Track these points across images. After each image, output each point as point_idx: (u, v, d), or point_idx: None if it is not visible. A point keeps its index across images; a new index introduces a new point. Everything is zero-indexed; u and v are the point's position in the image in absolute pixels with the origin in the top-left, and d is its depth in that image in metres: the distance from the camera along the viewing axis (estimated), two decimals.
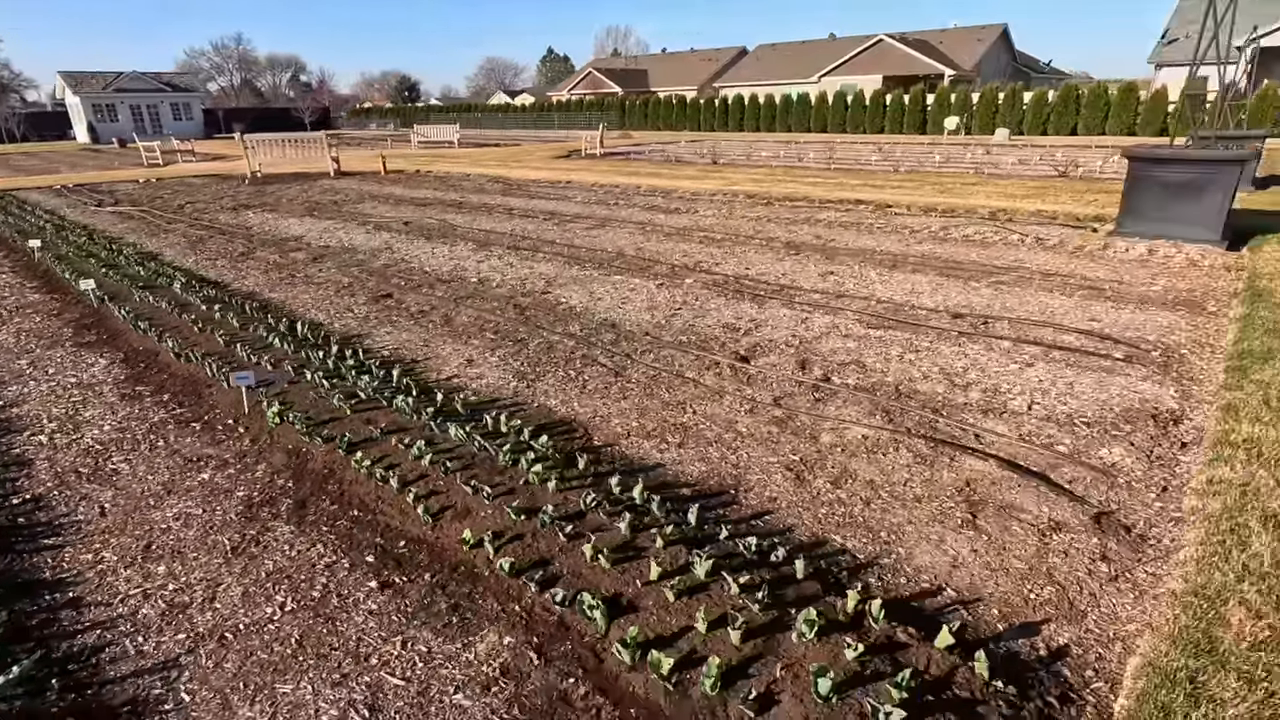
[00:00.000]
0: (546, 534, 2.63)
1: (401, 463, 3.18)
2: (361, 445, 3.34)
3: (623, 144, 30.45)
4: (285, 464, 3.30)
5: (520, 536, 2.63)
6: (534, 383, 4.25)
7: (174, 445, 3.56)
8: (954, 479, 3.11)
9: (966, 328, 5.03)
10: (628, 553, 2.52)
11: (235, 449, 3.49)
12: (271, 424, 3.60)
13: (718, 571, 2.37)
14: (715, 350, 4.72)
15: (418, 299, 6.17)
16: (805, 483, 3.11)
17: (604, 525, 2.68)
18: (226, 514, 2.94)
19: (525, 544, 2.60)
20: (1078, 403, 3.79)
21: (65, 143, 42.01)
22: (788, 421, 3.67)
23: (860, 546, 2.67)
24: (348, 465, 3.19)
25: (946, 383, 4.09)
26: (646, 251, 7.95)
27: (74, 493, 3.15)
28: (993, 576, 2.50)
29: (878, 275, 6.61)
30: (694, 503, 2.93)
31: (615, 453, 3.38)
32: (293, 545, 2.72)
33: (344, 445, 3.28)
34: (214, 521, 2.89)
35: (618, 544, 2.56)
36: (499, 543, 2.60)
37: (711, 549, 2.56)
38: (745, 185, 13.90)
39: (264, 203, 12.95)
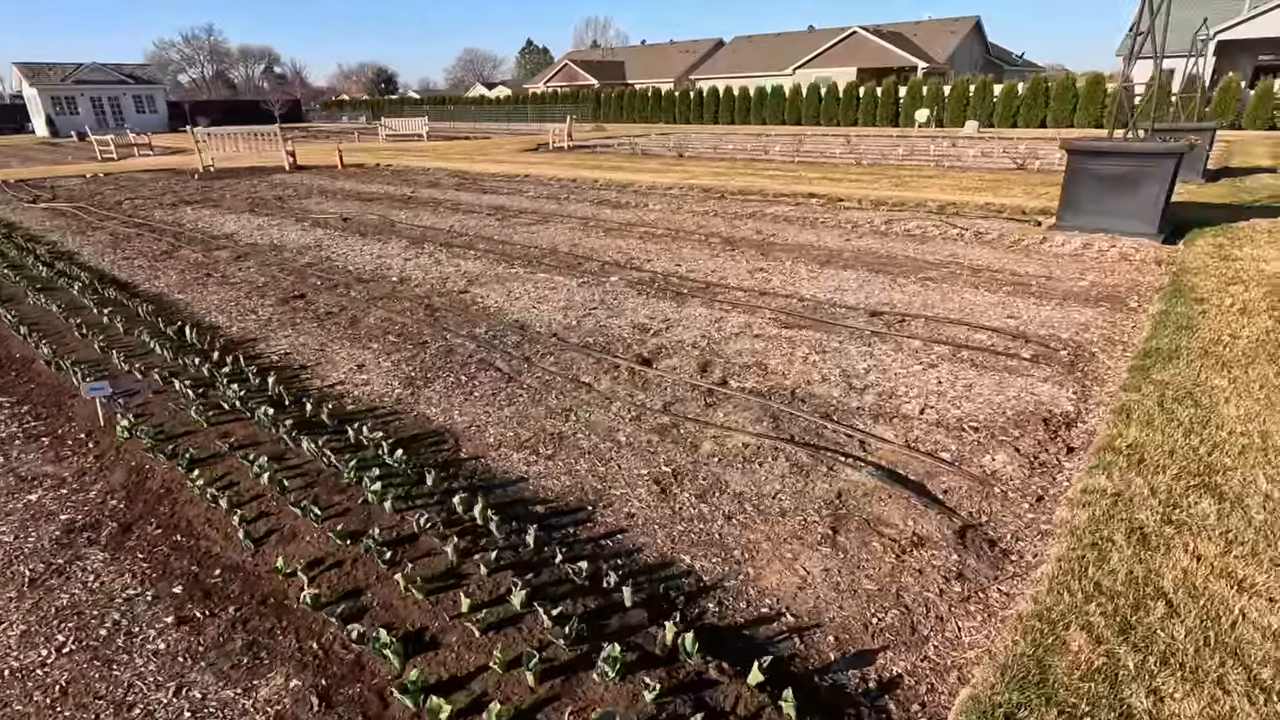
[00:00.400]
0: (367, 560, 2.45)
1: (241, 481, 2.98)
2: (205, 462, 3.14)
3: (594, 137, 30.15)
4: (123, 483, 3.09)
5: (340, 564, 2.45)
6: (420, 389, 4.06)
7: (13, 463, 3.33)
8: (826, 491, 2.97)
9: (881, 326, 4.90)
10: (449, 581, 2.34)
11: (76, 466, 3.27)
12: (120, 439, 3.38)
13: (536, 600, 2.21)
14: (619, 352, 4.55)
15: (330, 300, 5.94)
16: (670, 497, 2.95)
17: (435, 549, 2.51)
18: (40, 541, 2.73)
19: (343, 572, 2.42)
20: (972, 406, 3.67)
21: (23, 136, 40.87)
22: (671, 429, 3.52)
23: (709, 568, 2.52)
24: (185, 484, 2.98)
25: (844, 385, 3.95)
26: (581, 248, 7.75)
27: None
28: (839, 599, 2.36)
29: (807, 272, 6.48)
30: (546, 521, 2.77)
31: (478, 466, 3.20)
32: (99, 576, 2.51)
33: (185, 462, 3.07)
34: (22, 549, 2.68)
35: (440, 571, 2.38)
36: (316, 571, 2.42)
37: (545, 574, 2.40)
38: (703, 179, 13.72)
39: (208, 198, 12.59)
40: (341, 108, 62.43)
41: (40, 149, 30.23)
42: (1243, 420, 3.32)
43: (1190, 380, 3.75)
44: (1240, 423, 3.30)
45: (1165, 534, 2.54)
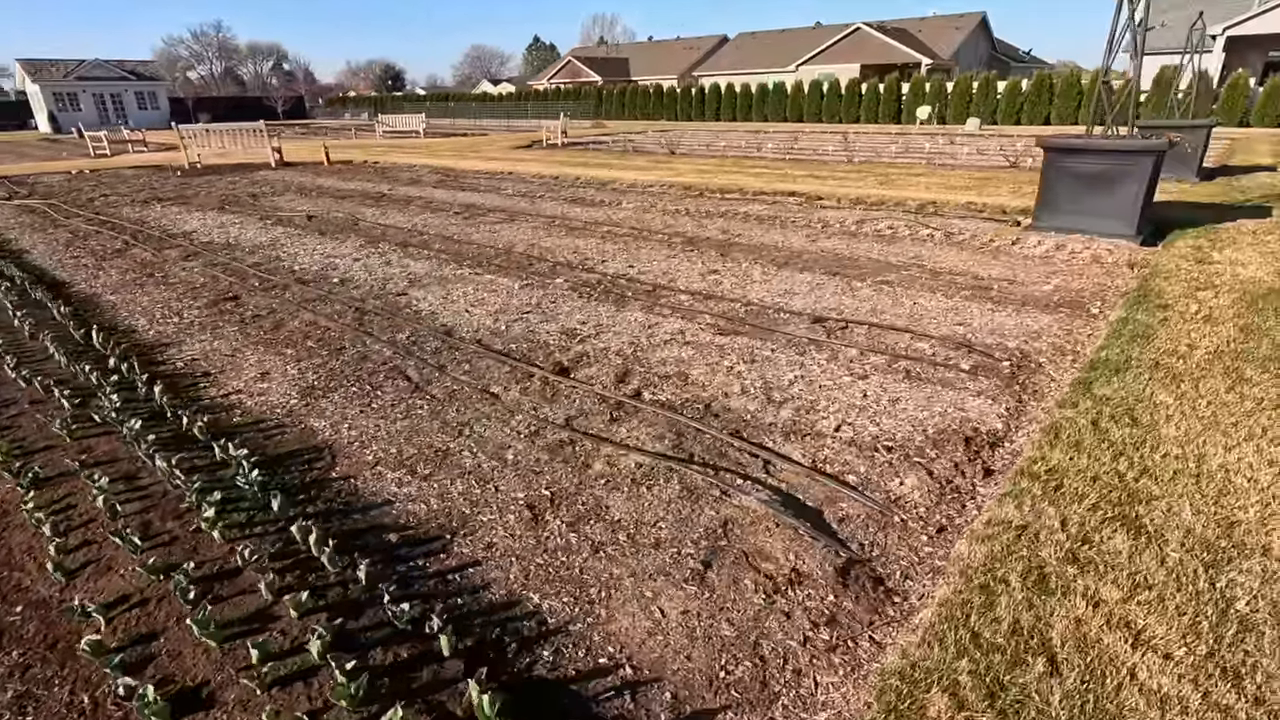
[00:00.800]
0: (173, 600, 2.22)
1: (80, 503, 2.77)
2: (51, 481, 2.93)
3: (591, 134, 29.90)
4: None
5: (145, 602, 2.23)
6: (316, 400, 3.84)
7: None
8: (712, 519, 2.72)
9: (821, 334, 4.63)
10: (254, 625, 2.12)
11: None
12: None
13: (340, 649, 1.98)
14: (539, 360, 4.31)
15: (263, 301, 5.74)
16: (540, 524, 2.71)
17: (253, 586, 2.28)
18: None
19: (145, 613, 2.20)
20: (892, 422, 3.40)
21: (26, 133, 41.04)
22: (565, 447, 3.28)
23: (557, 608, 2.28)
24: (20, 506, 2.77)
25: (764, 399, 3.70)
26: (538, 248, 7.52)
27: None
28: (690, 647, 2.12)
29: (761, 274, 6.21)
30: (396, 552, 2.54)
31: (345, 487, 2.97)
32: None
33: (26, 481, 2.86)
34: None
35: (248, 613, 2.16)
36: (116, 611, 2.20)
37: (367, 616, 2.17)
38: (688, 177, 13.45)
39: (182, 195, 12.44)
40: (345, 104, 62.49)
41: (38, 145, 30.28)
42: (1180, 441, 3.05)
43: (1134, 396, 3.47)
44: (1177, 444, 3.03)
45: (1066, 575, 2.28)
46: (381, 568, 2.42)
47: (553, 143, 24.19)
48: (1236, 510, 2.59)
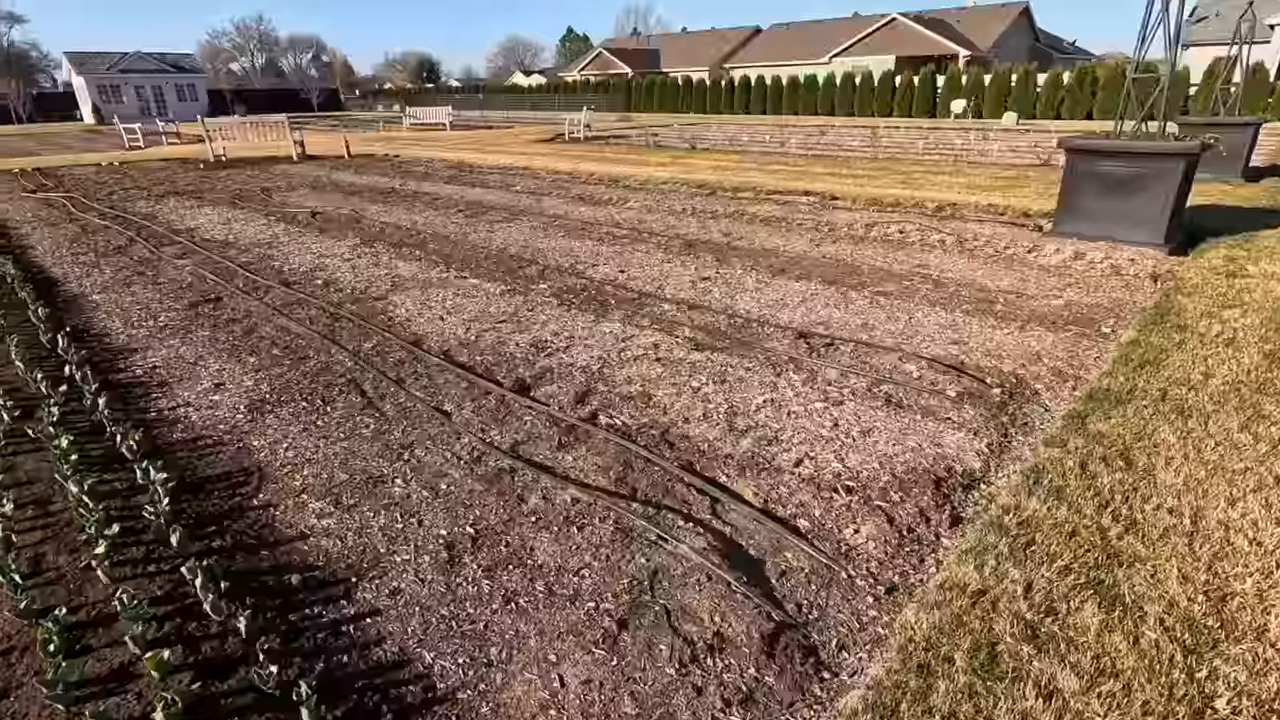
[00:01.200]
0: (37, 649, 2.08)
1: None
2: None
3: (617, 127, 29.65)
4: None
5: (8, 652, 2.09)
6: (263, 416, 3.70)
7: None
8: (642, 567, 2.49)
9: (803, 351, 4.35)
10: (110, 684, 1.96)
11: None
12: None
13: (194, 715, 1.81)
14: (500, 375, 4.12)
15: (241, 304, 5.65)
16: (455, 568, 2.51)
17: (124, 638, 2.12)
18: None
19: (5, 663, 2.06)
20: (859, 458, 3.13)
21: (71, 124, 42.29)
22: (504, 477, 3.07)
23: (451, 670, 2.08)
24: None
25: (726, 425, 3.45)
26: (532, 250, 7.33)
27: None
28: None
29: (755, 282, 5.93)
30: (296, 597, 2.37)
31: (263, 518, 2.81)
32: None
33: None
34: None
35: (110, 669, 2.00)
36: None
37: (235, 679, 1.99)
38: (703, 174, 13.13)
39: (198, 190, 12.54)
40: (377, 96, 63.12)
41: (80, 137, 31.12)
42: (1178, 491, 2.73)
43: (1132, 432, 3.14)
44: (1174, 494, 2.71)
45: (1020, 656, 2.00)
46: (272, 617, 2.25)
47: (575, 136, 24.00)
48: (1232, 579, 2.28)
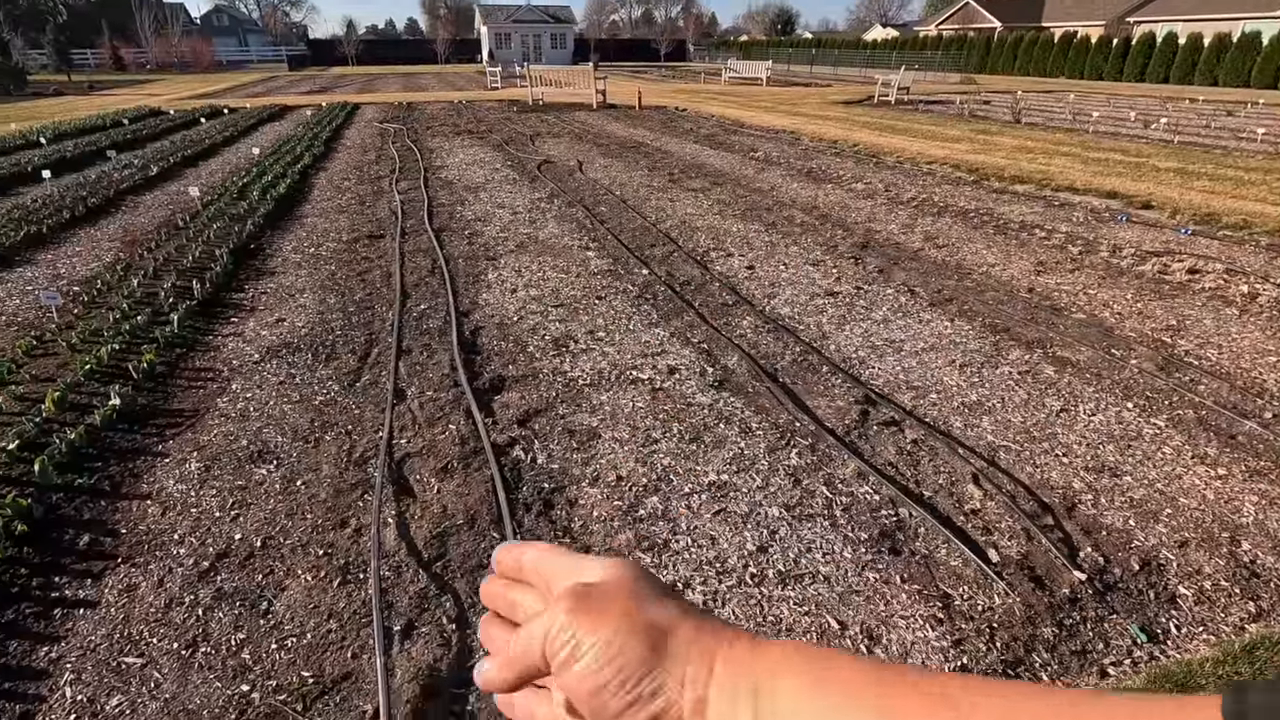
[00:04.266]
0: None
1: None
2: None
3: (947, 91, 26.03)
4: None
5: None
6: (267, 360, 3.92)
7: None
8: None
9: (850, 423, 3.18)
10: None
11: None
12: None
13: None
14: (489, 366, 3.78)
15: (389, 245, 6.13)
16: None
17: None
18: None
19: None
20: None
21: (471, 65, 51.33)
22: (347, 494, 2.78)
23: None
24: None
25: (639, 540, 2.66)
26: (683, 228, 6.68)
27: None
28: None
29: (897, 312, 4.55)
30: None
31: (123, 472, 2.94)
32: None
33: None
34: None
35: None
36: None
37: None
38: (993, 156, 10.77)
39: (488, 130, 14.11)
40: (720, 49, 64.42)
41: (467, 76, 37.50)
42: None
43: None
44: None
45: None
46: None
47: (885, 99, 21.62)
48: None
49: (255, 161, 9.81)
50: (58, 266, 5.53)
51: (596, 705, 0.29)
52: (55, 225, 6.47)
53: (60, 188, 8.03)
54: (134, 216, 7.08)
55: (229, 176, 8.88)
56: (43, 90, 25.92)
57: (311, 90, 26.59)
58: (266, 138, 12.87)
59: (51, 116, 15.90)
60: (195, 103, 19.74)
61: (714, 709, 0.28)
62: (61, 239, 6.27)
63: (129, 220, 6.92)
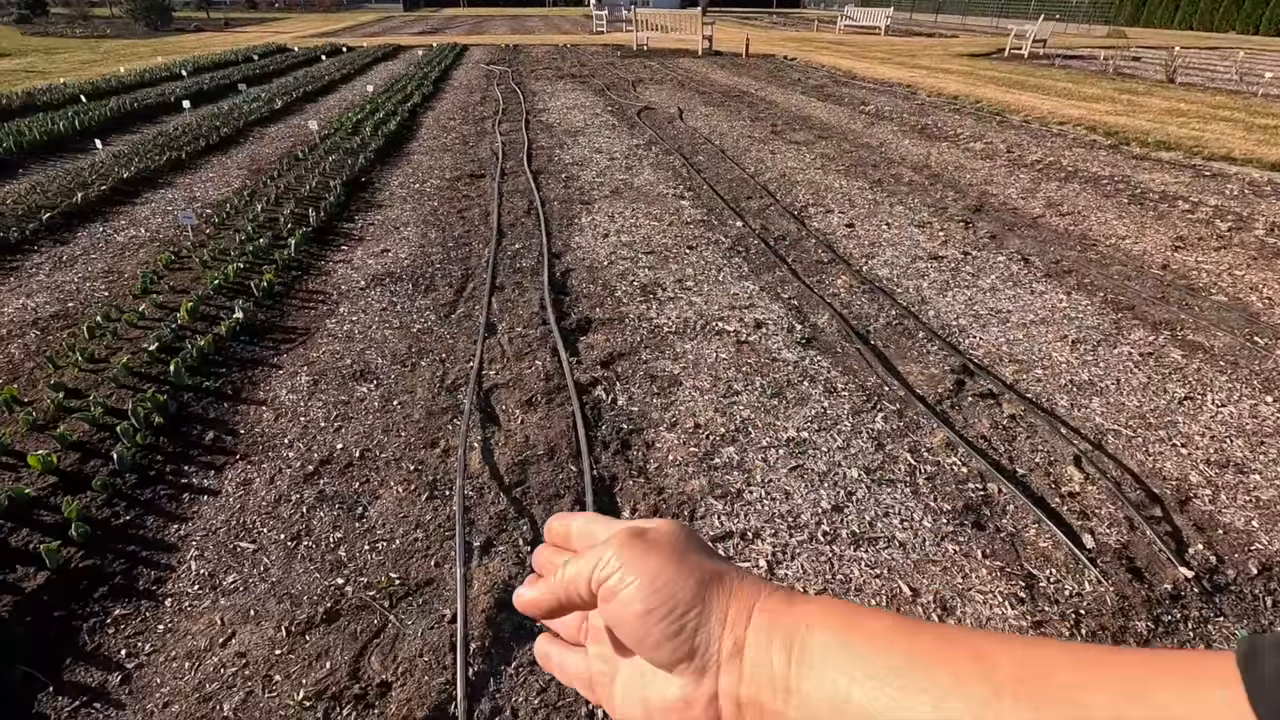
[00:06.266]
0: None
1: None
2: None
3: (1091, 44, 23.61)
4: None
5: None
6: (363, 293, 4.14)
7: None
8: None
9: (943, 392, 3.04)
10: None
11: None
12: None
13: None
14: (577, 308, 3.84)
15: (489, 185, 6.27)
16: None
17: None
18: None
19: None
20: None
21: (576, 9, 50.81)
22: (440, 416, 2.93)
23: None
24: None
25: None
26: (783, 181, 6.45)
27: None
28: None
29: (1001, 280, 4.27)
30: None
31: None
32: None
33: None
34: None
35: None
36: None
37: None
38: (1138, 119, 9.77)
39: (590, 74, 14.01)
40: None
41: (574, 20, 37.19)
42: None
43: None
44: None
45: None
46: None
47: (1017, 52, 19.87)
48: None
49: (369, 99, 10.18)
50: (193, 190, 5.99)
51: (641, 632, 0.30)
52: (192, 152, 6.99)
53: (197, 118, 8.64)
54: (260, 147, 7.54)
55: (344, 112, 9.26)
56: (184, 26, 27.76)
57: (423, 31, 27.15)
58: (380, 76, 13.32)
59: (191, 51, 17.03)
60: (316, 40, 20.62)
61: (750, 652, 0.29)
62: (197, 165, 6.77)
63: (255, 150, 7.39)
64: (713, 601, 0.30)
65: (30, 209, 5.17)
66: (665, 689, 0.30)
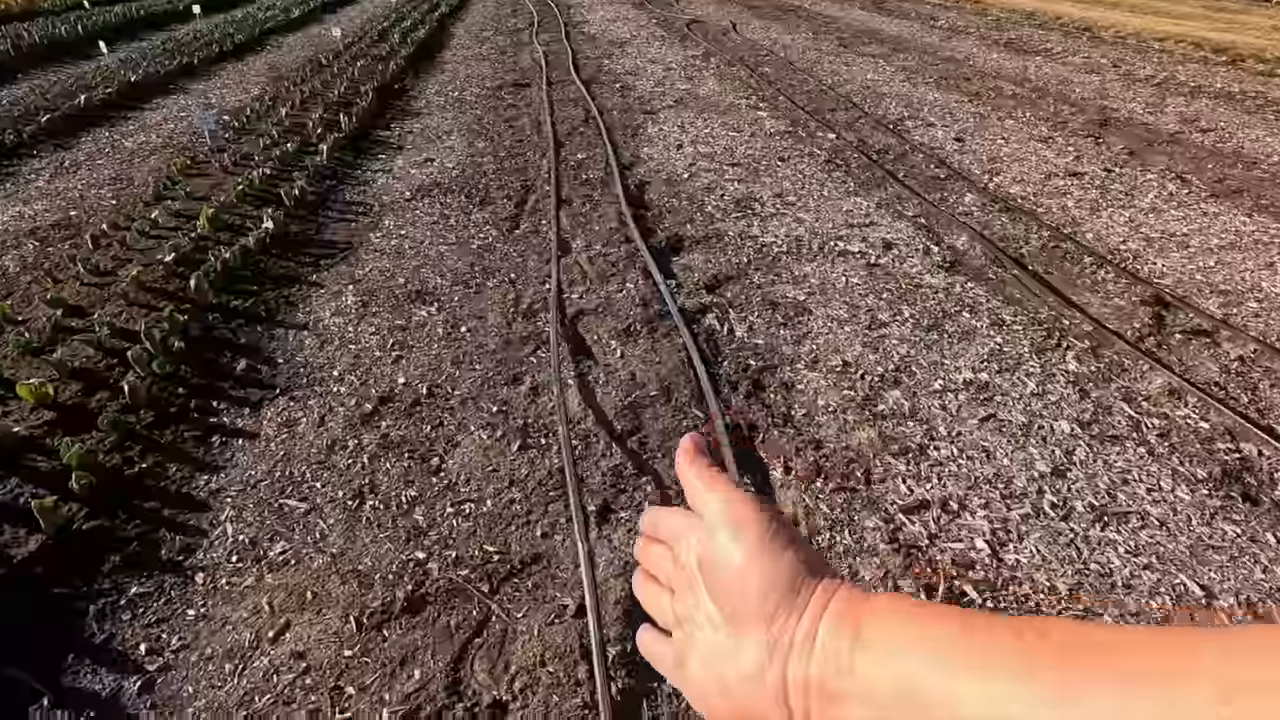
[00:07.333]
0: None
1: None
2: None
3: None
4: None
5: None
6: (418, 200, 3.55)
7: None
8: None
9: (1141, 327, 2.44)
10: None
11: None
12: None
13: None
14: (660, 216, 3.23)
15: (535, 95, 5.57)
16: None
17: None
18: None
19: None
20: None
21: None
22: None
23: None
24: None
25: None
26: (867, 94, 5.68)
27: None
28: None
29: (1171, 208, 3.58)
30: None
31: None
32: None
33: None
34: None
35: None
36: None
37: None
38: (1246, 36, 8.75)
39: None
40: None
41: None
42: None
43: None
44: None
45: None
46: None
47: None
48: None
49: (392, 8, 9.34)
50: (209, 97, 5.35)
51: (740, 591, 0.31)
52: (206, 59, 6.31)
53: (209, 25, 7.90)
54: (279, 55, 6.83)
55: (368, 22, 8.47)
56: None
57: None
58: None
59: None
60: None
61: (821, 636, 0.29)
62: (212, 72, 6.10)
63: (275, 58, 6.68)
64: (803, 588, 0.31)
65: (28, 111, 4.58)
66: (742, 662, 0.31)
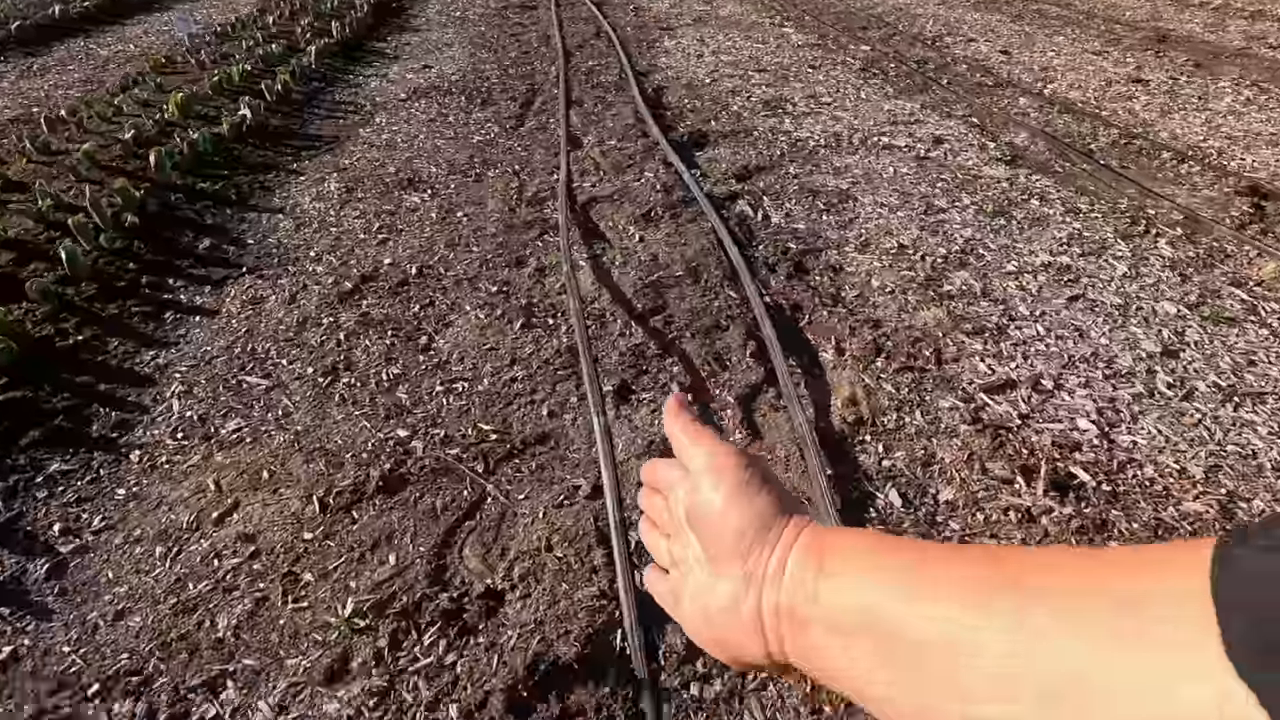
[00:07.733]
0: None
1: None
2: None
3: None
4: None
5: None
6: (414, 101, 3.22)
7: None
8: None
9: (1241, 215, 2.11)
10: None
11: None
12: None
13: None
14: (677, 113, 2.90)
15: (545, 14, 5.19)
16: None
17: None
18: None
19: None
20: None
21: None
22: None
23: None
24: None
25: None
26: (901, 13, 5.27)
27: None
28: None
29: (1250, 111, 3.22)
30: None
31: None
32: None
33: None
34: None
35: None
36: None
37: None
38: None
39: None
40: None
41: None
42: None
43: None
44: None
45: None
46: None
47: None
48: None
49: None
50: (194, 13, 5.00)
51: (720, 532, 0.33)
52: None
53: None
54: None
55: None
56: None
57: None
58: None
59: None
60: None
61: (790, 570, 0.31)
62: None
63: None
64: (776, 523, 0.32)
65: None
66: (721, 594, 0.32)
